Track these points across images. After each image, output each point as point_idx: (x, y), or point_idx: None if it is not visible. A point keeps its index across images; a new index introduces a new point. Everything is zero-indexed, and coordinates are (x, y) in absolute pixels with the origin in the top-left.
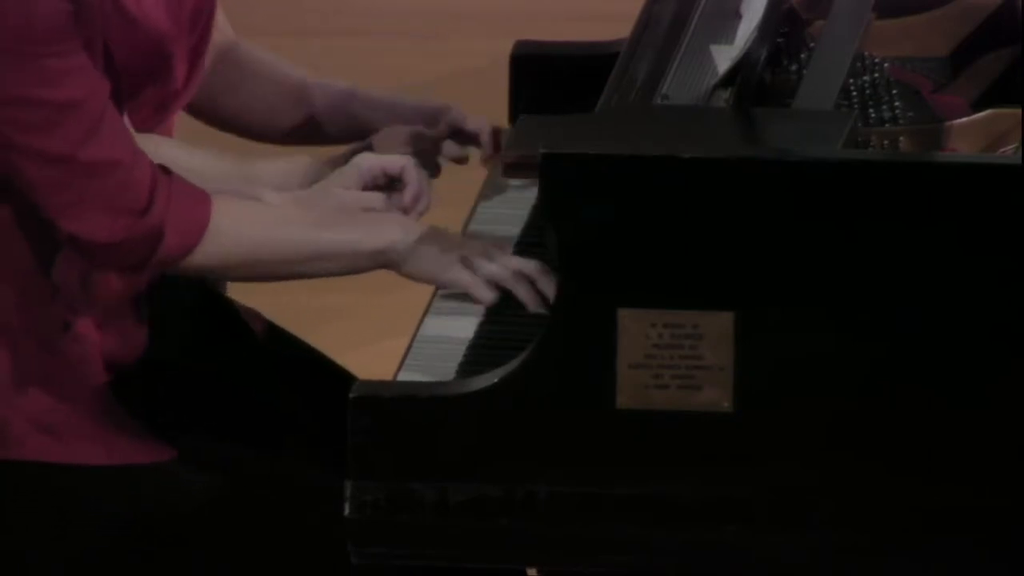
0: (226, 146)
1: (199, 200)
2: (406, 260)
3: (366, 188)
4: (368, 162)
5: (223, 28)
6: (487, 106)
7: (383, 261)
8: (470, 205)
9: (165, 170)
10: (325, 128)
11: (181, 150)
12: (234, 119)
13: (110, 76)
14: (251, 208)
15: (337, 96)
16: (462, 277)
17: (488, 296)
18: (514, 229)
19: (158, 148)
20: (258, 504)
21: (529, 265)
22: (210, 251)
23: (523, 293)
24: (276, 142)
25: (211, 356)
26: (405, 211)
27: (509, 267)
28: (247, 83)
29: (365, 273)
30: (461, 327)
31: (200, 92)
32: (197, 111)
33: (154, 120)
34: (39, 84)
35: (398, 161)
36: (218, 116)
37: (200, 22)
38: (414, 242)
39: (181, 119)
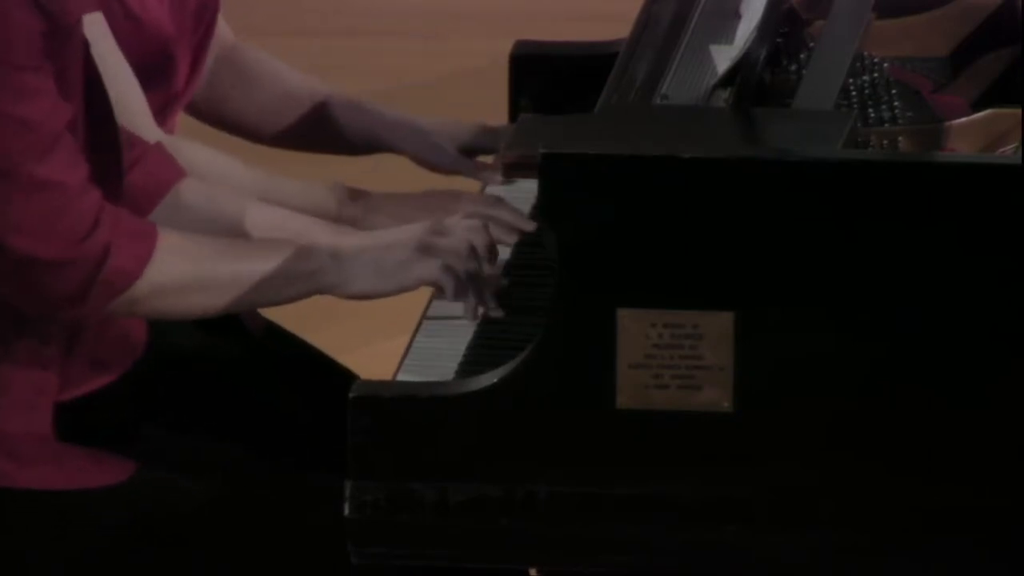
0: (228, 147)
1: (145, 234)
2: (345, 281)
3: None
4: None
5: (222, 31)
6: (487, 106)
7: (318, 285)
8: None
9: (113, 204)
10: (329, 135)
11: (207, 153)
12: (234, 120)
13: (99, 96)
14: (195, 242)
15: (344, 105)
16: (424, 273)
17: (468, 309)
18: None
19: (184, 152)
20: (258, 504)
21: (468, 259)
22: (152, 283)
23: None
24: (275, 145)
25: (211, 356)
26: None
27: (444, 270)
28: (247, 85)
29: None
30: (460, 327)
31: (201, 93)
32: (198, 112)
33: (156, 121)
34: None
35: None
36: (218, 117)
37: (204, 20)
38: (346, 260)
39: (181, 119)
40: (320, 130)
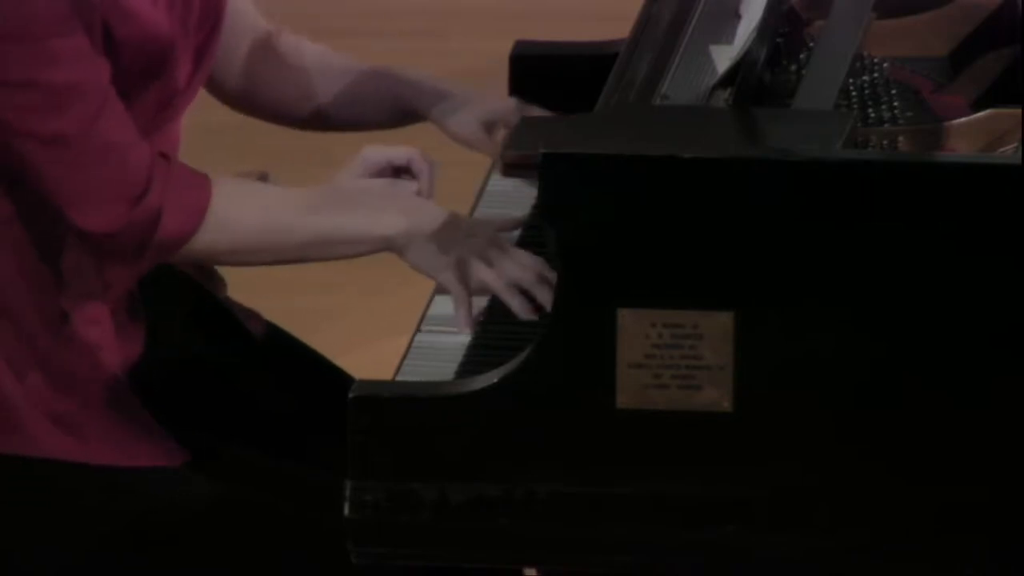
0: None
1: (199, 185)
2: (408, 249)
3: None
4: (374, 155)
5: (254, 20)
6: None
7: (386, 247)
8: (470, 204)
9: (164, 156)
10: (363, 107)
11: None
12: (272, 105)
13: (112, 66)
14: (253, 192)
15: (373, 73)
16: (452, 284)
17: (464, 318)
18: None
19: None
20: (258, 505)
21: (526, 274)
22: (210, 237)
23: (516, 305)
24: (308, 127)
25: (210, 357)
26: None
27: (503, 277)
28: (285, 69)
29: (365, 265)
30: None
31: (238, 84)
32: (234, 102)
33: (157, 120)
34: (41, 66)
35: (405, 153)
36: (257, 105)
37: (208, 23)
38: (416, 233)
39: (186, 116)
40: (355, 103)
